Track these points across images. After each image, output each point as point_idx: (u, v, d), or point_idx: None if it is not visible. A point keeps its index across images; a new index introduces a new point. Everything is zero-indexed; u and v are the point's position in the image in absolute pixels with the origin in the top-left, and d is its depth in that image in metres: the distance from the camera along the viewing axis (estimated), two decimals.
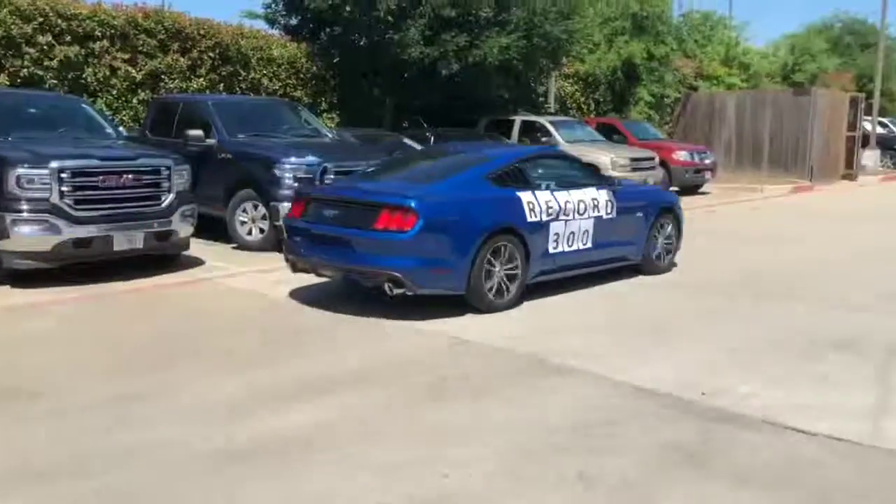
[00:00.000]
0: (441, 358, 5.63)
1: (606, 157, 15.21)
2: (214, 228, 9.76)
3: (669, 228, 8.84)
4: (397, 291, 6.45)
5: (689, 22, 28.72)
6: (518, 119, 16.65)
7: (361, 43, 14.95)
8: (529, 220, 7.11)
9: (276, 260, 8.90)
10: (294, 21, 15.91)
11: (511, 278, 6.99)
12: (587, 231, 7.71)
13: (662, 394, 4.91)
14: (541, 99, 19.67)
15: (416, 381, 5.11)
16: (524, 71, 16.80)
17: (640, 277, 8.48)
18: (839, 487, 3.74)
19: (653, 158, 16.24)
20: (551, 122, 16.45)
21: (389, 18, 14.16)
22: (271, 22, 15.99)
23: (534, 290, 7.44)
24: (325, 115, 15.19)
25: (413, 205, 6.35)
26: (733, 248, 10.71)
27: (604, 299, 7.58)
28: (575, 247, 7.62)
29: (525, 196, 7.17)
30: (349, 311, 6.80)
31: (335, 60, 15.26)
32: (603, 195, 7.95)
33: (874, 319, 6.86)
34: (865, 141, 23.84)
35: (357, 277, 6.79)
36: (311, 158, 9.47)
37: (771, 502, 3.60)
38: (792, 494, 3.66)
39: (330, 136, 11.38)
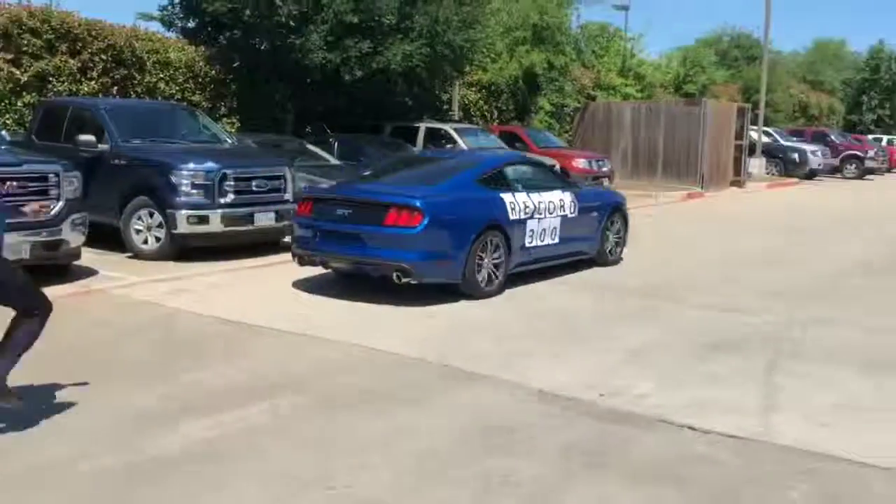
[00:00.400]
0: (348, 367, 5.58)
1: None
2: (107, 238, 9.37)
3: (618, 225, 9.91)
4: (405, 280, 7.22)
5: (586, 33, 29.54)
6: (423, 126, 16.72)
7: (262, 47, 14.69)
8: (511, 217, 8.06)
9: (174, 269, 8.63)
10: (192, 24, 15.49)
11: (497, 269, 7.87)
12: (555, 228, 8.70)
13: (564, 396, 5.01)
14: (445, 106, 19.82)
15: (322, 392, 5.04)
16: (428, 78, 16.90)
17: (553, 279, 8.66)
18: (730, 482, 3.91)
19: (554, 166, 16.60)
20: (455, 130, 16.59)
21: (291, 23, 13.98)
22: (167, 24, 15.52)
23: (447, 295, 7.49)
24: (224, 120, 14.82)
25: (419, 204, 7.20)
26: (629, 253, 11.07)
27: (516, 301, 7.70)
28: (546, 242, 8.59)
29: (507, 197, 8.14)
30: (251, 320, 6.66)
31: (235, 65, 14.93)
32: (567, 197, 8.98)
33: (761, 320, 7.21)
34: (752, 149, 25.10)
35: (367, 268, 7.51)
36: (209, 165, 9.23)
37: (666, 499, 3.73)
38: (685, 491, 3.80)
39: (229, 141, 11.12)
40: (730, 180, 22.58)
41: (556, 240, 8.75)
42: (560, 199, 8.85)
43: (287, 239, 10.44)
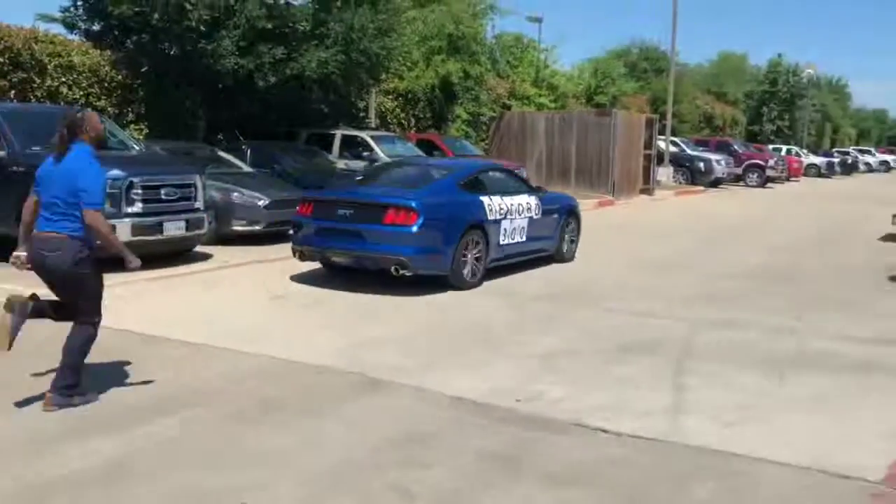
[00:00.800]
0: (259, 379, 5.47)
1: None
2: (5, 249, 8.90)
3: (573, 226, 11.08)
4: (402, 272, 8.10)
5: (501, 44, 29.98)
6: (339, 133, 16.60)
7: (172, 52, 14.33)
8: (489, 218, 9.02)
9: None
10: (96, 27, 14.98)
11: (478, 262, 8.82)
12: (524, 228, 9.69)
13: (479, 403, 5.05)
14: (361, 114, 19.75)
15: (232, 404, 4.92)
16: (344, 85, 16.81)
17: (468, 289, 8.72)
18: (641, 482, 4.01)
19: None
20: (372, 137, 16.55)
21: (201, 28, 13.68)
22: (70, 27, 14.94)
23: (350, 307, 7.44)
24: (132, 126, 14.35)
25: (414, 205, 8.10)
26: (545, 259, 11.27)
27: (428, 307, 7.71)
28: (516, 240, 9.58)
29: (485, 200, 9.08)
30: (160, 332, 6.45)
31: (143, 69, 14.49)
32: (533, 200, 9.99)
33: (671, 324, 7.45)
34: (660, 158, 25.96)
35: (367, 262, 8.35)
36: (115, 172, 8.90)
37: (580, 501, 3.80)
38: (600, 492, 3.88)
39: (137, 148, 10.78)
40: (639, 188, 23.27)
41: (524, 238, 9.75)
42: (527, 202, 9.85)
43: (198, 248, 10.22)
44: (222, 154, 12.98)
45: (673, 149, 28.41)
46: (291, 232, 9.20)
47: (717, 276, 10.41)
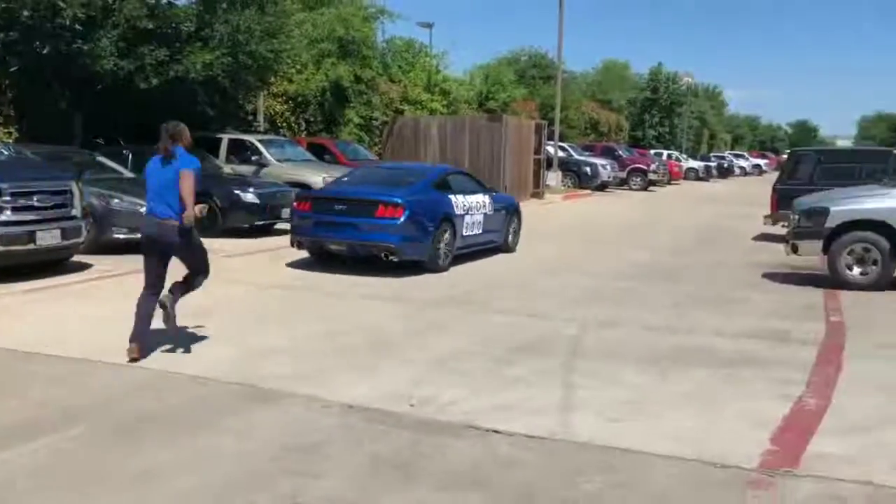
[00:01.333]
0: (140, 394, 5.24)
1: (319, 177, 15.34)
2: None
3: (515, 223, 12.72)
4: (391, 257, 9.70)
5: (393, 48, 30.03)
6: (226, 137, 16.20)
7: (45, 51, 13.58)
8: (457, 213, 10.73)
9: None
10: None
11: (448, 250, 10.49)
12: (480, 222, 11.35)
13: (372, 409, 5.02)
14: (250, 117, 19.34)
15: (109, 422, 4.70)
16: (231, 88, 16.40)
17: (363, 290, 8.65)
18: (532, 481, 4.08)
19: None
20: (261, 141, 16.23)
21: (77, 27, 13.04)
22: None
23: (241, 316, 7.25)
24: (0, 129, 13.53)
25: (400, 201, 9.70)
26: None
27: (321, 313, 7.61)
28: (475, 232, 11.26)
29: (453, 198, 10.78)
30: (32, 348, 6.09)
31: (12, 69, 13.68)
32: (487, 198, 11.72)
33: (561, 324, 7.64)
34: (549, 163, 26.64)
35: (360, 250, 9.88)
36: None
37: (477, 501, 3.82)
38: (493, 493, 3.92)
39: (6, 153, 10.16)
40: (530, 192, 23.80)
41: (481, 231, 11.44)
42: (483, 200, 11.54)
43: (77, 258, 9.72)
44: (101, 159, 12.41)
45: (561, 154, 29.21)
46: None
47: (604, 276, 10.76)
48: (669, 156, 43.41)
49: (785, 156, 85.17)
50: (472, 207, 11.14)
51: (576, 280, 10.38)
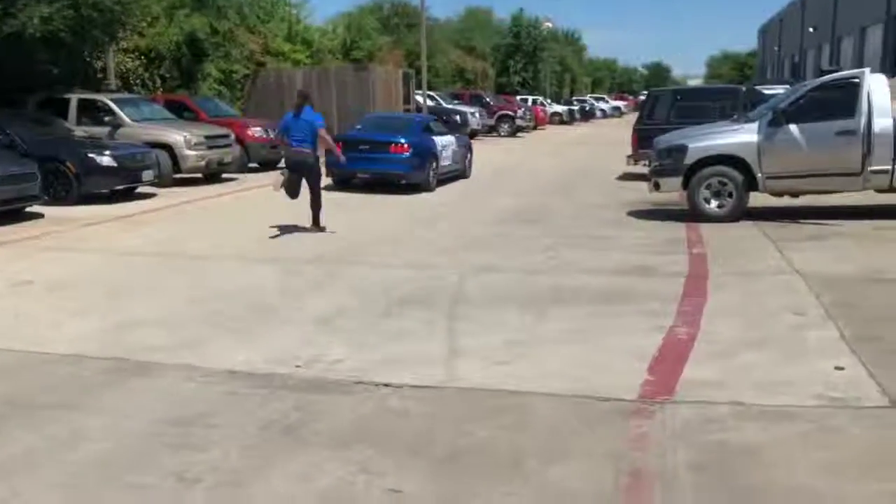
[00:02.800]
0: (4, 376, 4.86)
1: (180, 136, 14.62)
2: None
3: (469, 156, 17.26)
4: (402, 181, 13.77)
5: None
6: (75, 97, 15.08)
7: None
8: (438, 150, 14.91)
9: None
10: None
11: (434, 176, 14.62)
12: (450, 156, 15.59)
13: (258, 374, 4.87)
14: (100, 75, 18.06)
15: None
16: (75, 44, 15.22)
17: (229, 251, 8.35)
18: (424, 431, 4.09)
19: (228, 135, 16.03)
20: (114, 101, 15.21)
21: None
22: None
23: (109, 287, 6.85)
24: None
25: (405, 142, 13.83)
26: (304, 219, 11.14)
27: (187, 273, 7.28)
28: (447, 164, 15.41)
29: (435, 139, 15.05)
30: None
31: None
32: (453, 139, 16.23)
33: (439, 274, 7.66)
34: (419, 111, 26.48)
35: (379, 176, 14.00)
36: None
37: (367, 458, 3.79)
38: (385, 446, 3.90)
39: None
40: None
41: (450, 163, 15.64)
42: (451, 140, 15.98)
43: None
44: None
45: (430, 103, 29.09)
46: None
47: (476, 222, 10.90)
48: (535, 101, 44.19)
49: (642, 97, 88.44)
50: (445, 146, 15.35)
51: (450, 228, 10.45)
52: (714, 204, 10.60)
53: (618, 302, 6.53)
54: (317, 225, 9.98)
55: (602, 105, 60.88)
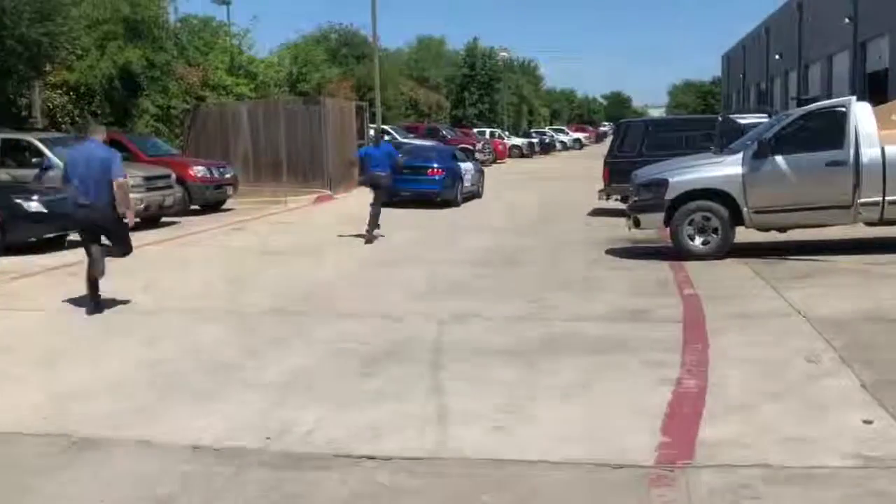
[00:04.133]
0: None
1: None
2: None
3: (482, 180, 22.42)
4: (437, 199, 18.60)
5: (188, 28, 28.53)
6: None
7: None
8: (462, 173, 20.21)
9: None
10: None
11: (460, 195, 19.72)
12: (470, 178, 20.78)
13: (222, 448, 4.56)
14: (24, 113, 17.59)
15: None
16: None
17: (178, 304, 8.00)
18: None
19: (169, 176, 15.67)
20: (42, 140, 14.76)
21: None
22: None
23: (43, 350, 6.45)
24: None
25: (439, 167, 19.07)
26: (272, 265, 10.82)
27: (133, 331, 6.91)
28: (468, 185, 20.54)
29: (461, 164, 20.67)
30: None
31: None
32: (472, 165, 21.95)
33: (415, 323, 7.41)
34: None
35: (420, 193, 18.42)
36: None
37: None
38: None
39: None
40: (356, 181, 23.46)
41: (470, 184, 20.76)
42: (470, 166, 21.43)
43: None
44: None
45: (386, 138, 29.03)
46: None
47: (450, 264, 10.72)
48: (493, 134, 44.58)
49: (603, 128, 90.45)
50: (467, 170, 20.73)
51: (420, 271, 10.22)
52: (698, 241, 10.60)
53: (615, 351, 6.36)
54: (371, 229, 13.25)
55: (562, 137, 61.72)
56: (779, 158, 10.24)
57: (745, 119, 18.24)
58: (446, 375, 5.85)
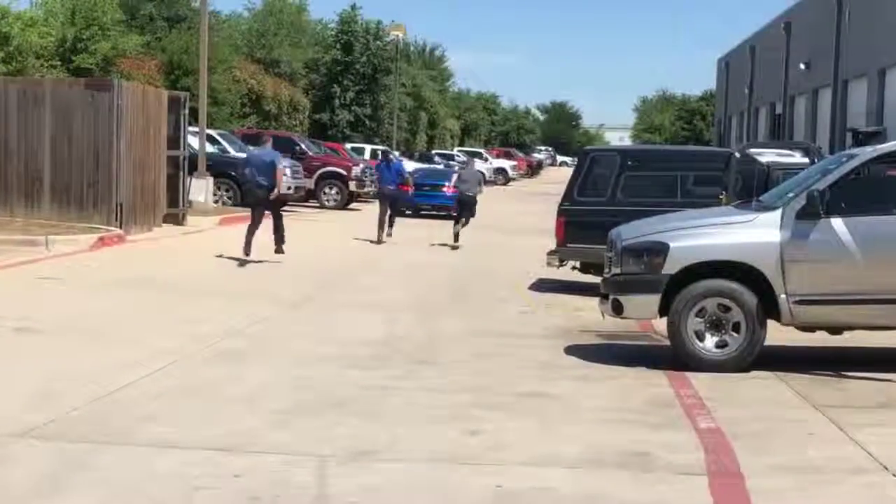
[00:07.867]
0: None
1: None
2: None
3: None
4: (451, 213, 30.24)
5: None
6: None
7: None
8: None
9: None
10: None
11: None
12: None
13: None
14: None
15: None
16: None
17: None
18: None
19: None
20: None
21: None
22: None
23: None
24: None
25: (449, 184, 38.50)
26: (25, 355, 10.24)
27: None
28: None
29: None
30: None
31: None
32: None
33: (279, 466, 6.99)
34: (193, 164, 25.87)
35: (436, 207, 37.90)
36: None
37: None
38: None
39: None
40: (164, 212, 23.04)
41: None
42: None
43: None
44: None
45: (210, 148, 28.65)
46: None
47: (328, 362, 10.52)
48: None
49: (540, 155, 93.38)
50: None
51: (278, 373, 9.95)
52: (710, 341, 10.57)
53: None
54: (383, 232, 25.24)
55: (479, 165, 62.55)
56: (837, 221, 10.38)
57: (765, 155, 18.70)
58: None
